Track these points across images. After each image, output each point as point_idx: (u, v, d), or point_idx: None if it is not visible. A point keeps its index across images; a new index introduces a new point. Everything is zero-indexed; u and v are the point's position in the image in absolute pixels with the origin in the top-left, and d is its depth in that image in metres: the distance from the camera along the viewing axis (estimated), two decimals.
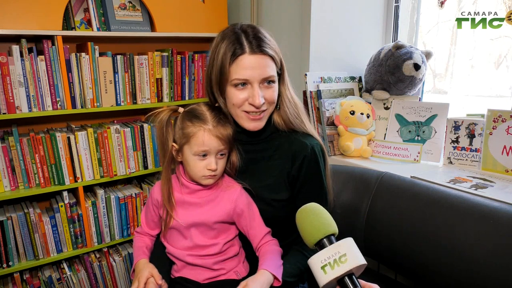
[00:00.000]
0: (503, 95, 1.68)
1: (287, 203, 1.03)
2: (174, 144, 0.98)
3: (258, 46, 0.94)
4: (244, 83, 0.96)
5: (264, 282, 0.88)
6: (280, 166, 1.03)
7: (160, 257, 1.06)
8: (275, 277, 0.90)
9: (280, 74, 1.02)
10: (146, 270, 0.96)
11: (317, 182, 1.04)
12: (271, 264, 0.92)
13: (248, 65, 0.94)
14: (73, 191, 1.82)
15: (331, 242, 0.67)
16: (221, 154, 0.97)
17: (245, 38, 0.95)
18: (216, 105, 1.02)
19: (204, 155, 0.94)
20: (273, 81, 0.99)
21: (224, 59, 0.95)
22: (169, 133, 0.98)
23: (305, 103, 1.67)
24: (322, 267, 0.64)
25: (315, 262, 0.65)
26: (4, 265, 1.62)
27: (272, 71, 0.97)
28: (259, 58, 0.94)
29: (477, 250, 0.95)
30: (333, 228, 0.70)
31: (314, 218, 0.71)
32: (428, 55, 1.56)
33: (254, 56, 0.94)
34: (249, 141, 1.06)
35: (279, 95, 1.03)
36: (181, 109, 1.00)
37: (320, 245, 0.68)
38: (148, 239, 1.09)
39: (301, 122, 1.05)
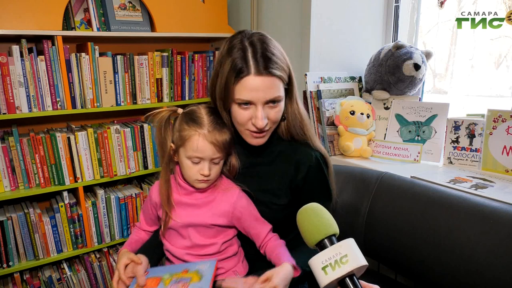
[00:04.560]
0: (503, 95, 1.68)
1: (285, 207, 1.03)
2: (172, 145, 0.97)
3: (265, 67, 0.90)
4: (248, 103, 0.93)
5: (287, 275, 0.87)
6: (282, 171, 1.02)
7: (152, 244, 1.06)
8: (294, 268, 0.89)
9: (288, 89, 1.00)
10: (124, 258, 0.96)
11: (323, 191, 1.04)
12: (288, 257, 0.92)
13: (253, 87, 0.90)
14: (73, 191, 1.82)
15: (332, 243, 0.67)
16: (216, 160, 0.95)
17: (252, 56, 0.90)
18: None
19: (198, 160, 0.93)
20: (279, 101, 0.96)
21: (228, 78, 0.91)
22: (168, 133, 0.98)
23: (305, 103, 1.67)
24: (323, 268, 0.64)
25: (316, 262, 0.65)
26: (4, 265, 1.62)
27: (278, 91, 0.94)
28: (265, 80, 0.90)
29: (477, 250, 0.95)
30: (334, 228, 0.70)
31: (315, 218, 0.71)
32: (428, 55, 1.56)
33: (260, 78, 0.90)
34: (251, 146, 1.05)
35: (285, 108, 1.01)
36: (180, 110, 0.99)
37: (321, 246, 0.68)
38: (145, 234, 1.10)
39: (304, 135, 1.03)
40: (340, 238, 0.68)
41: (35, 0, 1.52)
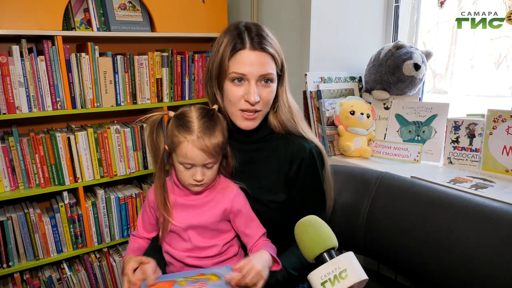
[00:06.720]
0: (503, 95, 1.68)
1: (283, 205, 1.03)
2: (166, 147, 0.96)
3: (259, 43, 0.94)
4: (241, 78, 0.95)
5: (265, 259, 0.87)
6: (278, 167, 1.02)
7: (157, 254, 1.05)
8: (274, 260, 0.89)
9: (280, 76, 1.01)
10: (130, 262, 0.93)
11: (315, 185, 1.03)
12: (270, 249, 0.92)
13: (247, 61, 0.93)
14: (73, 191, 1.82)
15: (331, 257, 0.66)
16: (209, 165, 0.93)
17: (247, 34, 0.95)
18: (214, 106, 1.00)
19: (189, 166, 0.92)
20: (271, 80, 0.97)
21: (224, 53, 0.95)
22: (160, 137, 0.96)
23: (305, 103, 1.67)
24: (322, 283, 0.63)
25: (315, 277, 0.64)
26: (4, 265, 1.62)
27: (271, 69, 0.96)
28: (259, 55, 0.94)
29: (477, 250, 0.95)
30: (333, 241, 0.69)
31: (314, 232, 0.70)
32: (428, 55, 1.56)
33: (254, 52, 0.94)
34: (245, 141, 1.05)
35: (277, 96, 1.02)
36: (171, 113, 0.97)
37: (320, 260, 0.67)
38: (143, 241, 1.08)
39: (295, 126, 1.03)
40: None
41: (35, 0, 1.52)
